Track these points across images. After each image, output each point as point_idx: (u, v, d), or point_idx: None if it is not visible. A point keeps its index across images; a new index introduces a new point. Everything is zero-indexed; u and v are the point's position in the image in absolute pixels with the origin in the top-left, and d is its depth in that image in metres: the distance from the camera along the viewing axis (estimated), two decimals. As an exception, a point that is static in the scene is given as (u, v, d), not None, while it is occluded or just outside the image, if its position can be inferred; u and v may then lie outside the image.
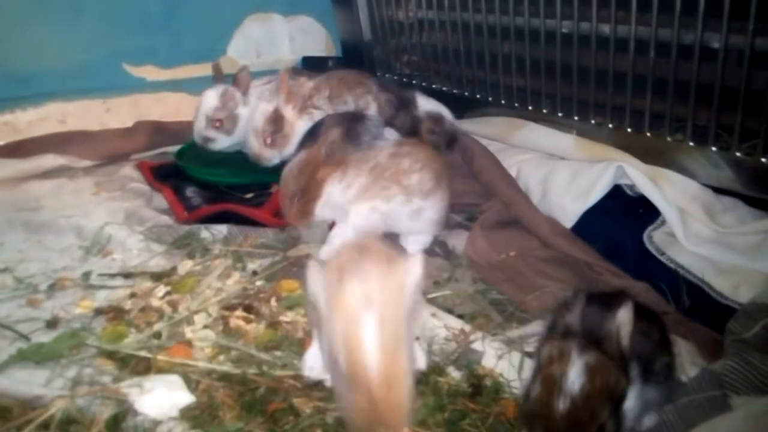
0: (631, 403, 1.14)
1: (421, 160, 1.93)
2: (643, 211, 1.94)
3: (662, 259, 1.82)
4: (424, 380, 1.44)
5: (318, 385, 1.42)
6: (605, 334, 1.13)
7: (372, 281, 1.14)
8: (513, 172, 2.27)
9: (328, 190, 1.92)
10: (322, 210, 1.94)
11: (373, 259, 1.20)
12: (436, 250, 2.06)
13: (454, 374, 1.48)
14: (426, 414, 1.34)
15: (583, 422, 1.06)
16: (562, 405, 1.06)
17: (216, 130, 2.55)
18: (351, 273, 1.15)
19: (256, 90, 2.61)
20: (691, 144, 1.92)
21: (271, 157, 2.43)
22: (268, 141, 2.40)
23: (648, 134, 2.02)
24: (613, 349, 1.12)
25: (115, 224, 2.12)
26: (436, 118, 2.39)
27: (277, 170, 2.54)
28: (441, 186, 1.96)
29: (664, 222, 1.89)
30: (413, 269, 1.19)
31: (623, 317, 1.13)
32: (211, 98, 2.54)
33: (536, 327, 1.55)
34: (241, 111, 2.58)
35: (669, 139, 1.97)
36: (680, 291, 1.73)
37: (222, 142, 2.60)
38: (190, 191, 2.41)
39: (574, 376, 1.07)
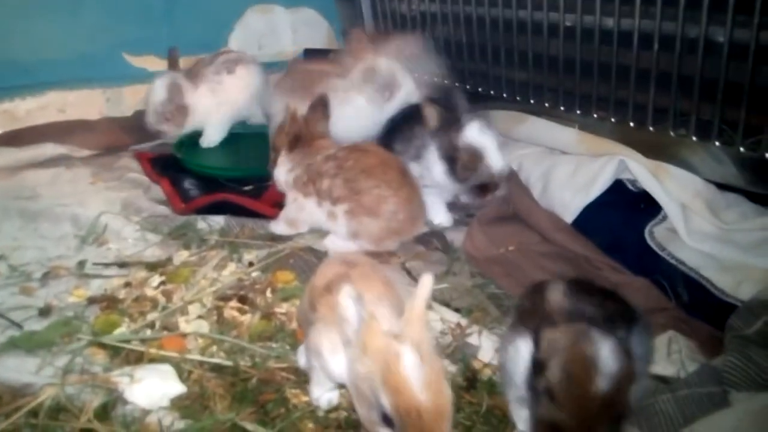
0: None
1: (343, 167, 1.91)
2: (645, 207, 1.91)
3: (663, 255, 1.79)
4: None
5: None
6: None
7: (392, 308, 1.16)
8: (514, 166, 2.25)
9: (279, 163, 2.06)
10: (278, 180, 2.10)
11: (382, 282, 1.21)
12: (435, 242, 2.03)
13: (450, 368, 1.46)
14: (420, 407, 1.32)
15: (617, 401, 1.05)
16: (600, 385, 1.03)
17: (167, 123, 2.66)
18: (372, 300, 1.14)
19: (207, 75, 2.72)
20: (695, 139, 1.89)
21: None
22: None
23: (651, 129, 1.99)
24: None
25: (111, 214, 2.10)
26: (475, 155, 1.95)
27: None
28: (357, 197, 1.89)
29: (665, 218, 1.87)
30: (424, 289, 1.13)
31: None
32: (159, 90, 2.63)
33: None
34: (190, 101, 2.68)
35: (672, 134, 1.94)
36: (680, 287, 1.70)
37: (174, 134, 2.70)
38: (188, 183, 2.40)
39: (608, 357, 1.05)
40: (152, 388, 1.35)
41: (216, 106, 2.69)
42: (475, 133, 1.95)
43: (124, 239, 2.00)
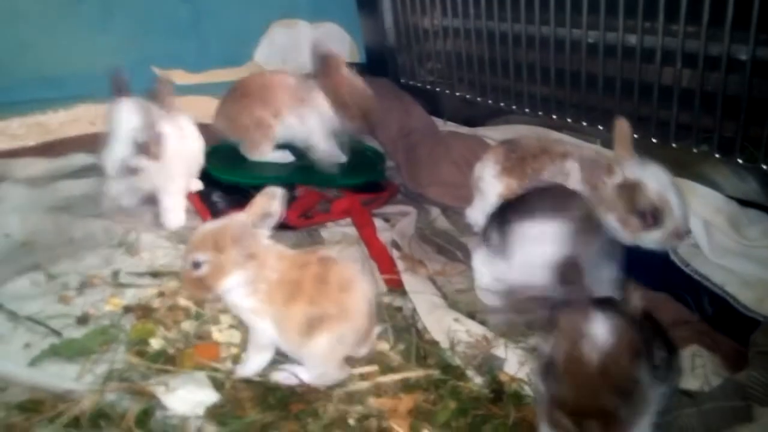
0: None
1: None
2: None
3: (687, 270, 1.82)
4: (442, 385, 1.47)
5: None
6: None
7: None
8: (536, 180, 2.28)
9: None
10: None
11: None
12: (459, 256, 2.07)
13: (477, 380, 1.49)
14: (449, 417, 1.36)
15: (614, 372, 1.07)
16: (595, 359, 1.07)
17: (143, 156, 2.04)
18: None
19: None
20: (717, 156, 1.92)
21: None
22: None
23: (674, 145, 2.02)
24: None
25: (142, 225, 2.16)
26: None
27: (302, 170, 2.59)
28: None
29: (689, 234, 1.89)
30: None
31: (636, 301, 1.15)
32: (128, 118, 2.02)
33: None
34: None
35: (695, 150, 1.97)
36: (704, 302, 1.73)
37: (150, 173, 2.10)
38: (216, 196, 2.44)
39: (603, 330, 1.09)
40: (188, 395, 1.40)
41: None
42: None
43: (156, 249, 2.05)
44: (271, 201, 1.48)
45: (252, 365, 1.50)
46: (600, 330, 1.09)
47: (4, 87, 2.66)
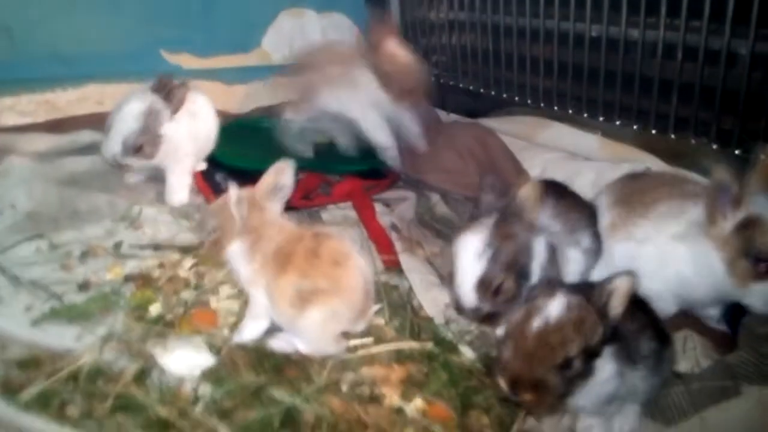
0: (606, 371, 1.16)
1: None
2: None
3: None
4: (435, 357, 1.49)
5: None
6: (595, 291, 1.15)
7: None
8: (538, 171, 2.30)
9: None
10: None
11: None
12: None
13: (469, 354, 1.52)
14: (440, 387, 1.38)
15: (552, 345, 1.10)
16: (535, 325, 1.12)
17: (136, 156, 2.11)
18: None
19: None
20: (715, 147, 1.94)
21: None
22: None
23: (672, 136, 2.04)
24: (598, 305, 1.14)
25: (145, 200, 2.19)
26: None
27: (302, 157, 2.62)
28: None
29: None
30: None
31: (620, 284, 1.14)
32: (130, 118, 2.09)
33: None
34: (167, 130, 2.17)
35: (693, 141, 1.99)
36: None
37: (139, 169, 2.24)
38: (219, 177, 2.46)
39: (554, 307, 1.13)
40: (185, 358, 1.42)
41: None
42: None
43: (158, 224, 2.08)
44: (281, 175, 1.55)
45: (247, 332, 1.53)
46: (552, 308, 1.13)
47: (15, 63, 2.68)
